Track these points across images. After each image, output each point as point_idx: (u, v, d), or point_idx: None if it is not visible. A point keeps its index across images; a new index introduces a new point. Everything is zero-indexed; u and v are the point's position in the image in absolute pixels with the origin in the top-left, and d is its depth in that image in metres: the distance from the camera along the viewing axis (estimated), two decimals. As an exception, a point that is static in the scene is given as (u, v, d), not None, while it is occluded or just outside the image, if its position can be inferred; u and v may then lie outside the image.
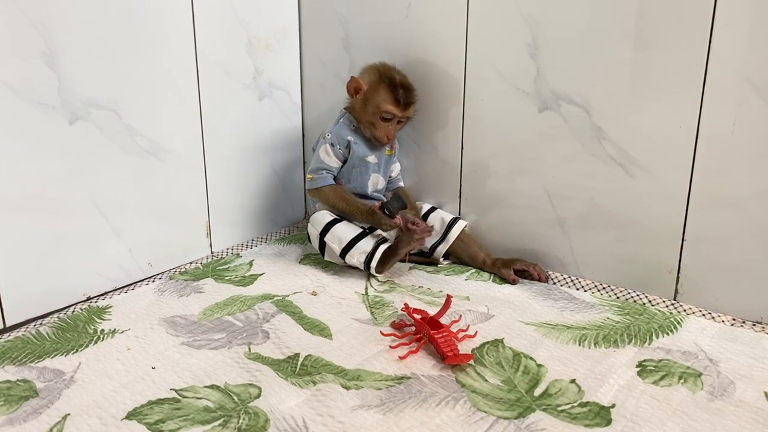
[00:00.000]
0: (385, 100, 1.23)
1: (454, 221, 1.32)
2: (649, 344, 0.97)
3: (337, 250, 1.23)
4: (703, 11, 0.99)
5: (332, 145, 1.28)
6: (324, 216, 1.27)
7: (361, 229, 1.25)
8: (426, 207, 1.37)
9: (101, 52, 1.11)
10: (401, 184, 1.40)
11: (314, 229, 1.28)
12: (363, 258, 1.21)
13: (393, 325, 1.04)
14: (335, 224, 1.25)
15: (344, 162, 1.30)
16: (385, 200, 1.31)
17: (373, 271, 1.21)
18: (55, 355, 0.95)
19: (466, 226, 1.33)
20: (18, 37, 1.00)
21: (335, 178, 1.29)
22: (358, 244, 1.21)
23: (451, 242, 1.31)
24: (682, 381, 0.87)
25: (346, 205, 1.26)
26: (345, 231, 1.24)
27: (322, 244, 1.26)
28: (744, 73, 0.98)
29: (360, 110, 1.27)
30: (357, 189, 1.31)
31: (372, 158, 1.30)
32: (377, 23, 1.40)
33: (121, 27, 1.14)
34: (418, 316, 1.01)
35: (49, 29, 1.03)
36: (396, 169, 1.39)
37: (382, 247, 1.21)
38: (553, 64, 1.16)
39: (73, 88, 1.07)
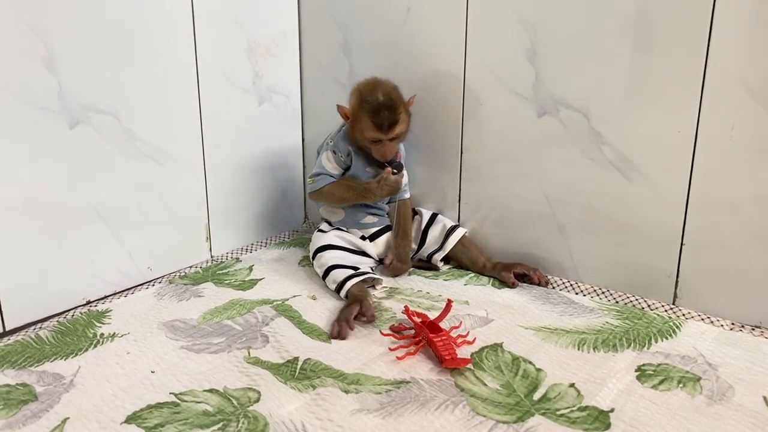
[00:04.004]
0: (368, 127, 1.19)
1: (452, 229, 1.32)
2: (648, 348, 0.97)
3: (320, 275, 1.25)
4: (701, 16, 1.00)
5: (334, 152, 1.27)
6: (317, 239, 1.29)
7: (345, 254, 1.25)
8: (426, 214, 1.36)
9: (101, 56, 1.12)
10: (407, 195, 1.35)
11: (310, 252, 1.30)
12: (334, 287, 1.20)
13: (392, 328, 1.05)
14: (323, 251, 1.26)
15: (346, 169, 1.28)
16: (386, 214, 1.34)
17: (342, 296, 1.19)
18: (54, 359, 0.95)
19: (465, 233, 1.33)
20: (19, 42, 1.00)
21: None
22: (333, 272, 1.21)
23: (448, 250, 1.31)
24: (681, 385, 0.87)
25: (353, 192, 1.25)
26: (329, 258, 1.24)
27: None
28: (742, 78, 0.98)
29: (354, 134, 1.25)
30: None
31: (370, 169, 1.27)
32: (376, 28, 1.40)
33: (121, 32, 1.14)
34: (417, 319, 1.01)
35: (50, 34, 1.03)
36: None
37: (351, 282, 1.17)
38: (552, 70, 1.17)
39: (73, 93, 1.08)
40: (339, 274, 1.20)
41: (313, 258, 1.27)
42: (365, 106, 1.19)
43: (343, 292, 1.18)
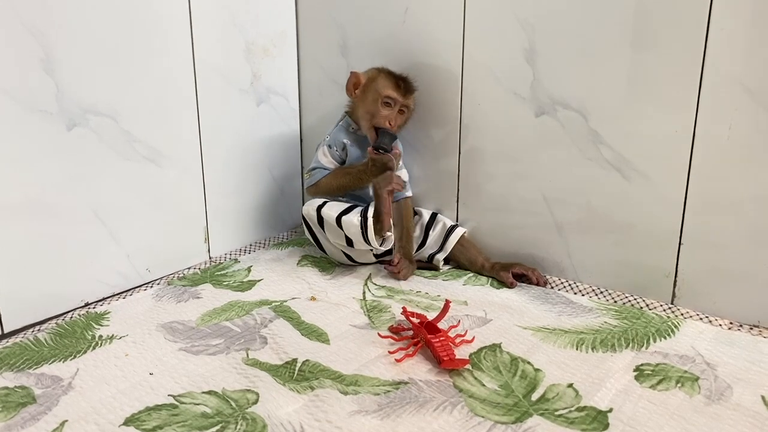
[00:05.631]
0: (386, 85, 1.25)
1: (452, 229, 1.32)
2: (646, 348, 0.97)
3: (334, 216, 1.23)
4: (699, 17, 1.00)
5: (329, 146, 1.31)
6: (316, 201, 1.29)
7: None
8: (427, 214, 1.37)
9: (99, 58, 1.12)
10: (408, 194, 1.35)
11: (311, 208, 1.28)
12: (359, 218, 1.21)
13: (391, 329, 1.05)
14: (326, 204, 1.27)
15: (342, 163, 1.32)
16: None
17: (370, 222, 1.20)
18: (53, 362, 0.95)
19: (465, 233, 1.33)
20: (16, 44, 1.00)
21: None
22: (355, 209, 1.24)
23: (449, 250, 1.31)
24: (679, 385, 0.87)
25: (349, 177, 1.27)
26: (342, 204, 1.26)
27: (315, 237, 1.30)
28: (739, 78, 0.98)
29: (359, 103, 1.28)
30: (356, 191, 1.31)
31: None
32: (375, 29, 1.40)
33: (119, 33, 1.14)
34: (416, 320, 1.01)
35: (47, 36, 1.03)
36: (402, 176, 1.33)
37: (371, 208, 1.22)
38: (550, 69, 1.17)
39: (71, 95, 1.08)
40: (361, 209, 1.23)
41: (320, 208, 1.26)
42: (384, 70, 1.29)
43: (370, 212, 1.21)
